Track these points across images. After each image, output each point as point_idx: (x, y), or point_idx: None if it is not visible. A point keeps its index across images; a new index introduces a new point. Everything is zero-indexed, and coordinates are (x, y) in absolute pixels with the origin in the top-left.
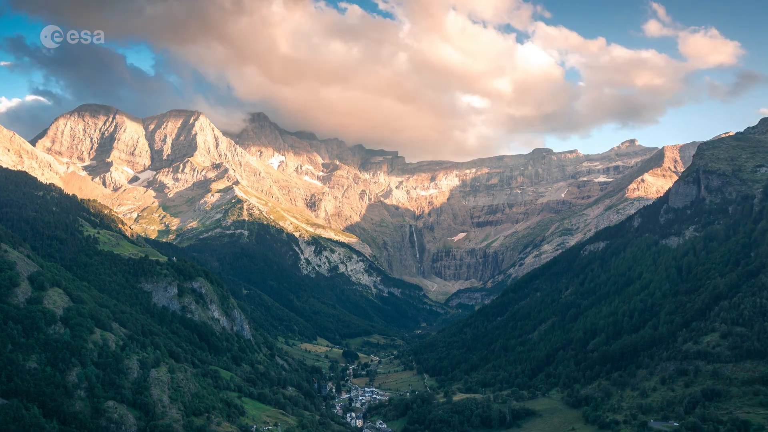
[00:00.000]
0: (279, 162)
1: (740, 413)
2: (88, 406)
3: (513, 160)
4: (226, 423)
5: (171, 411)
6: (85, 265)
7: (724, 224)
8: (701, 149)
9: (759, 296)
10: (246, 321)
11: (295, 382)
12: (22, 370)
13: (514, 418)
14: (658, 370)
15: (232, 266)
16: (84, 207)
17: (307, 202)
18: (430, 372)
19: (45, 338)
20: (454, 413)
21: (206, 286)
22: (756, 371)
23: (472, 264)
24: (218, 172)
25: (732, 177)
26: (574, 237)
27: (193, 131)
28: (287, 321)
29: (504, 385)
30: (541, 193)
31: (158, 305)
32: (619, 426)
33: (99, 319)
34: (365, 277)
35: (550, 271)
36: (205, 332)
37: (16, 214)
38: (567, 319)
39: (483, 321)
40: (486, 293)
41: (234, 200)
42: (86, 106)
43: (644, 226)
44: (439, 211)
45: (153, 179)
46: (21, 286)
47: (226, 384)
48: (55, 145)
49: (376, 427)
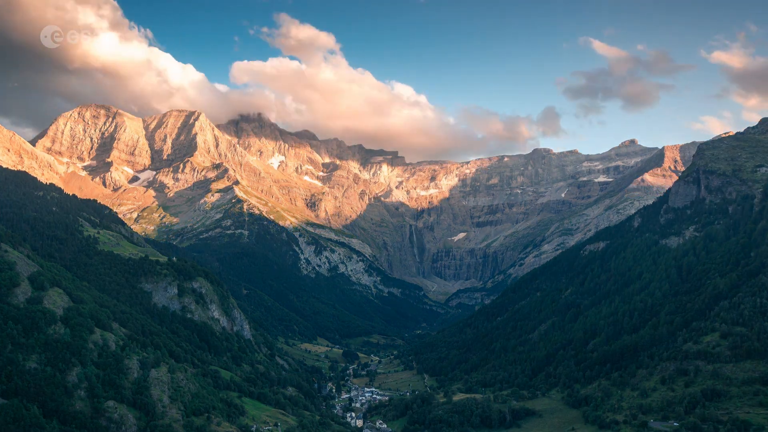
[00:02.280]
0: (279, 162)
1: (740, 413)
2: (88, 406)
3: (513, 160)
4: (226, 423)
5: (171, 411)
6: (85, 265)
7: (724, 224)
8: (701, 149)
9: (759, 296)
10: (246, 321)
11: (295, 382)
12: (22, 370)
13: (514, 418)
14: (658, 370)
15: (232, 266)
16: (84, 207)
17: (307, 202)
18: (430, 372)
19: (45, 338)
20: (454, 413)
21: (206, 286)
22: (756, 371)
23: (472, 264)
24: (218, 172)
25: (732, 177)
26: (574, 237)
27: (193, 131)
28: (287, 321)
29: (504, 385)
30: (541, 193)
31: (158, 305)
32: (619, 426)
33: (99, 319)
34: (365, 277)
35: (550, 271)
36: (205, 332)
37: (16, 214)
38: (567, 319)
39: (483, 321)
40: (486, 293)
41: (234, 200)
42: (86, 106)
43: (644, 226)
44: (439, 211)
45: (153, 179)
46: (21, 286)
47: (226, 384)
48: (55, 145)
49: (376, 427)
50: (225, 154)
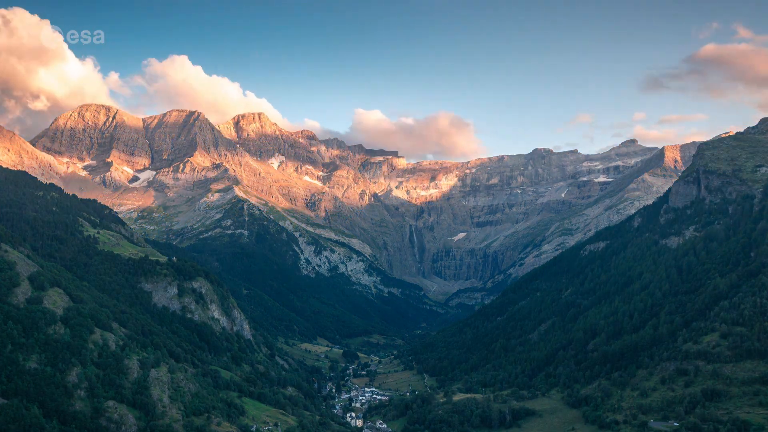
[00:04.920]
0: (279, 162)
1: (740, 413)
2: (88, 406)
3: (513, 160)
4: (226, 423)
5: (171, 411)
6: (85, 265)
7: (724, 224)
8: (701, 149)
9: (759, 296)
10: (246, 321)
11: (295, 382)
12: (22, 370)
13: (514, 418)
14: (658, 370)
15: (232, 266)
16: (84, 207)
17: (307, 202)
18: (430, 372)
19: (45, 338)
20: (454, 413)
21: (206, 286)
22: (756, 371)
23: (472, 264)
24: (218, 172)
25: (732, 177)
26: (574, 237)
27: (193, 131)
28: (287, 321)
29: (504, 385)
30: (541, 193)
31: (158, 305)
32: (619, 426)
33: (99, 319)
34: (365, 277)
35: (550, 271)
36: (205, 332)
37: (16, 214)
38: (567, 319)
39: (483, 321)
40: (486, 293)
41: (234, 200)
42: (86, 105)
43: (644, 226)
44: (439, 211)
45: (153, 179)
46: (21, 286)
47: (226, 384)
48: (55, 144)
49: (376, 427)
50: (225, 154)
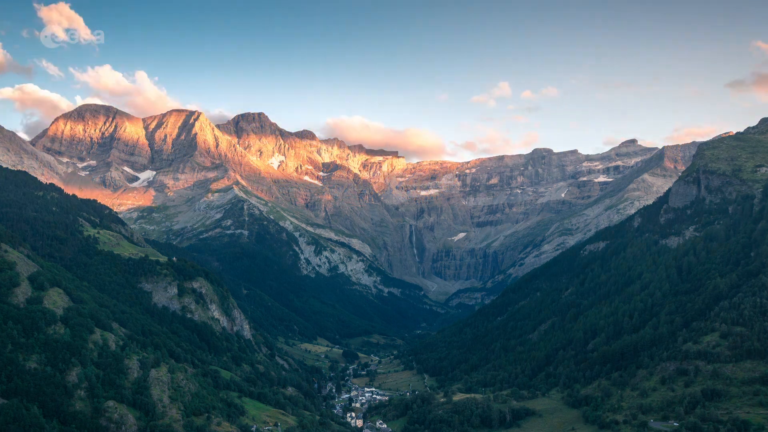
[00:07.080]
0: (279, 162)
1: (740, 413)
2: (88, 406)
3: (513, 160)
4: (226, 423)
5: (171, 411)
6: (85, 265)
7: (724, 224)
8: (701, 149)
9: (759, 296)
10: (246, 321)
11: (295, 382)
12: (22, 370)
13: (514, 418)
14: (658, 370)
15: (232, 266)
16: (84, 207)
17: (307, 202)
18: (430, 372)
19: (45, 338)
20: (454, 413)
21: (206, 286)
22: (756, 371)
23: (472, 264)
24: (218, 172)
25: (732, 177)
26: (574, 237)
27: (193, 131)
28: (287, 321)
29: (504, 385)
30: (541, 193)
31: (158, 305)
32: (619, 426)
33: (99, 319)
34: (365, 277)
35: (550, 271)
36: (205, 332)
37: (16, 214)
38: (567, 319)
39: (483, 321)
40: (486, 293)
41: (234, 200)
42: (86, 105)
43: (644, 226)
44: (439, 211)
45: (153, 179)
46: (21, 286)
47: (226, 384)
48: (55, 145)
49: (376, 427)
50: (225, 154)
